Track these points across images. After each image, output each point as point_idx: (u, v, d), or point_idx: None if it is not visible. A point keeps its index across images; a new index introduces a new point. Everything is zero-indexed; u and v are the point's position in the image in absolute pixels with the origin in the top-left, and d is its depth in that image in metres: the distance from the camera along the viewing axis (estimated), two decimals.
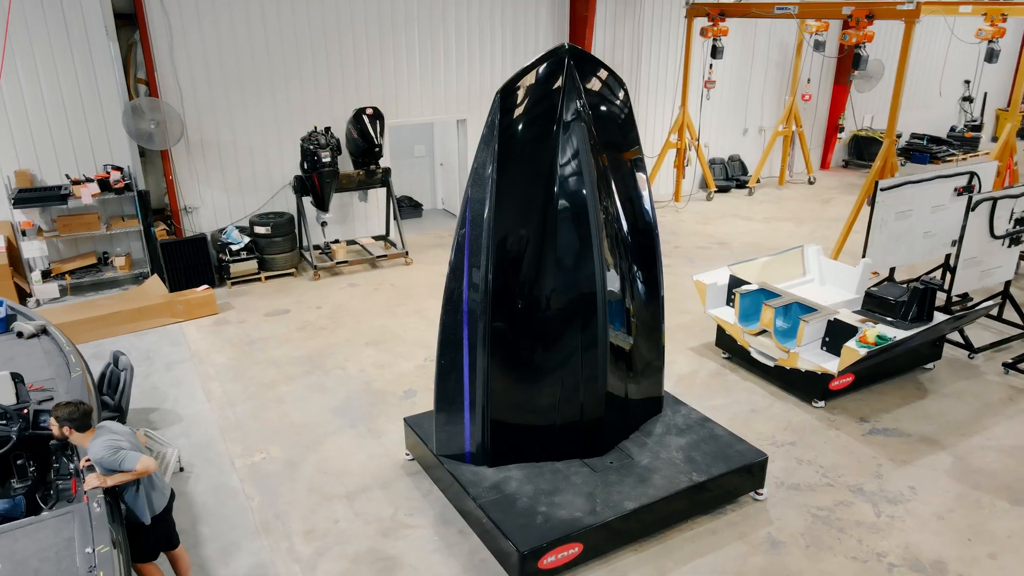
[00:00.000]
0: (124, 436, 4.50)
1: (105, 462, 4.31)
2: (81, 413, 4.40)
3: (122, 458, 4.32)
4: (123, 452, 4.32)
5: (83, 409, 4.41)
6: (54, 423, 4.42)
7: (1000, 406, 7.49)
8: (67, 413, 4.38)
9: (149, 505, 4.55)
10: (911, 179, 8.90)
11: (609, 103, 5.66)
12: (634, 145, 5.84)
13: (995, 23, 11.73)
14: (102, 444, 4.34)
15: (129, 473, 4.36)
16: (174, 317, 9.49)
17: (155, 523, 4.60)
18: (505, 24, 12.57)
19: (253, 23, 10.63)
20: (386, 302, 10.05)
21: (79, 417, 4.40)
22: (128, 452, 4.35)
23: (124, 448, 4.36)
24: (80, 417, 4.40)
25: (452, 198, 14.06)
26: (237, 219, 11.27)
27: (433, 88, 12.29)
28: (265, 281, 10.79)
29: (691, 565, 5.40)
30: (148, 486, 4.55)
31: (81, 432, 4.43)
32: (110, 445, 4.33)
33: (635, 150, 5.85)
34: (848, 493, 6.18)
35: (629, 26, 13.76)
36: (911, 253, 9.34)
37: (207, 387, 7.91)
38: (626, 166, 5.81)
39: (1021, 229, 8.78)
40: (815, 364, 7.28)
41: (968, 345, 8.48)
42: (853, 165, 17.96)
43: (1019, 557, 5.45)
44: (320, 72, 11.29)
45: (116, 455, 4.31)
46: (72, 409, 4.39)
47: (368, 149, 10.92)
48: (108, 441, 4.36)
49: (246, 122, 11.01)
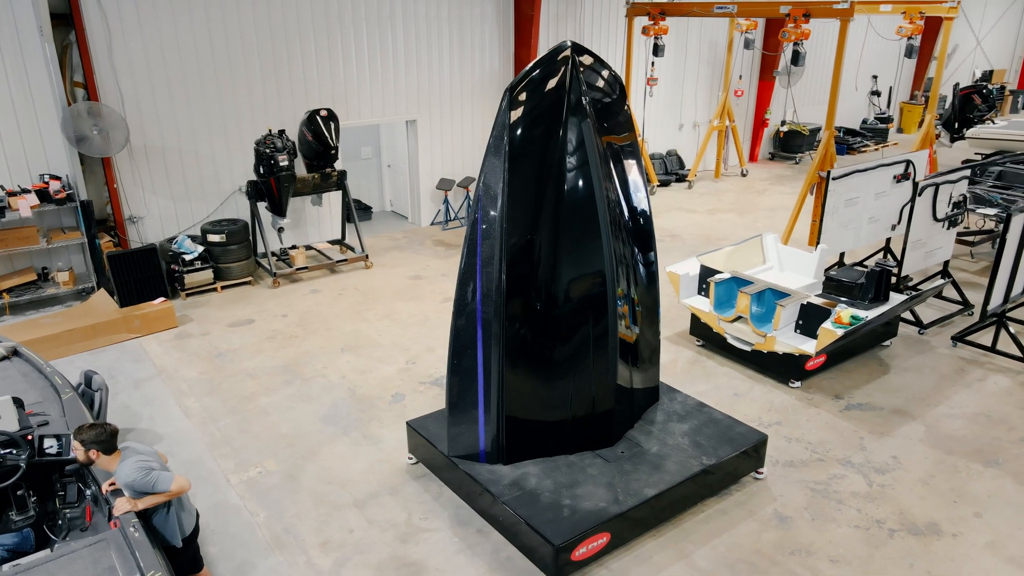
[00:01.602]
0: (151, 456, 4.28)
1: (137, 484, 4.09)
2: (108, 435, 4.18)
3: (155, 479, 4.11)
4: (155, 473, 4.12)
5: (109, 430, 4.19)
6: (79, 447, 4.18)
7: (955, 376, 8.04)
8: (94, 436, 4.13)
9: (180, 527, 4.34)
10: (858, 168, 9.42)
11: (607, 93, 5.74)
12: (628, 130, 5.91)
13: (913, 20, 12.55)
14: (133, 466, 4.12)
15: (162, 495, 4.15)
16: (131, 332, 9.02)
17: (185, 545, 4.40)
18: (452, 23, 12.53)
19: (197, 22, 10.21)
20: (354, 307, 9.86)
21: (106, 439, 4.18)
22: (160, 472, 4.14)
23: (155, 468, 4.15)
24: (108, 439, 4.18)
25: (401, 200, 13.90)
26: (186, 228, 10.80)
27: (383, 89, 12.13)
28: (222, 291, 10.38)
29: (710, 545, 5.57)
30: (178, 507, 4.34)
31: (108, 455, 4.20)
32: (141, 466, 4.12)
33: (629, 135, 5.93)
34: (839, 466, 6.51)
35: (571, 25, 13.97)
36: (858, 238, 9.88)
37: (183, 403, 7.56)
38: (623, 150, 5.86)
39: (958, 212, 9.46)
40: (792, 346, 7.62)
41: (918, 322, 9.07)
42: (779, 157, 18.81)
43: (1001, 514, 5.89)
44: (267, 74, 10.95)
45: (148, 476, 4.10)
46: (99, 431, 4.15)
47: (323, 151, 10.67)
48: (138, 463, 4.14)
49: (192, 126, 10.56)
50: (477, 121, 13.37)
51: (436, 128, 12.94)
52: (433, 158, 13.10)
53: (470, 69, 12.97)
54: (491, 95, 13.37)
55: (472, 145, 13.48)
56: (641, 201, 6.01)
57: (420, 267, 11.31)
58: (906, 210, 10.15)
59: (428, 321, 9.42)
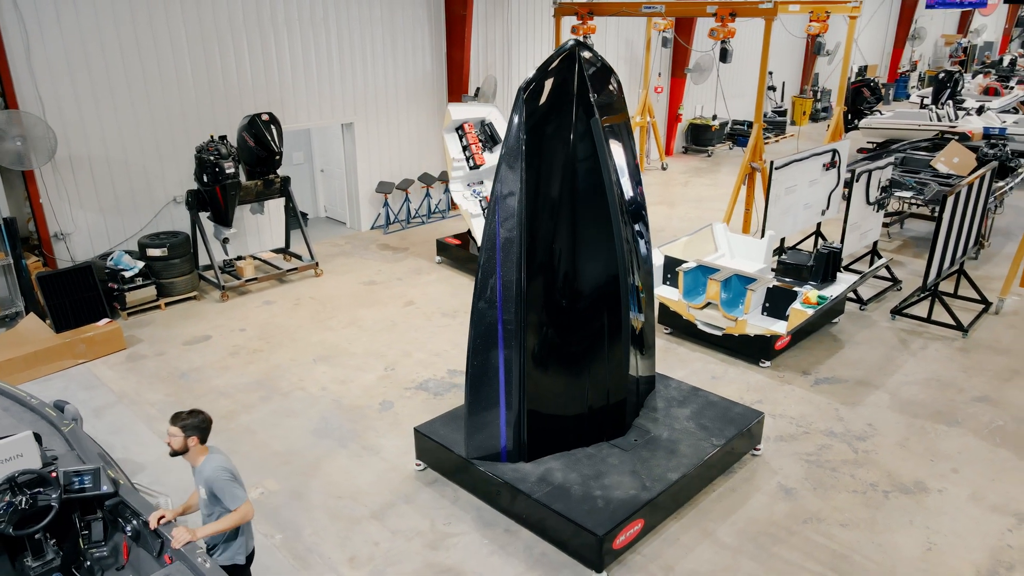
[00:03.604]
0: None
1: (216, 485, 3.93)
2: (208, 421, 4.03)
3: (234, 490, 3.95)
4: (237, 484, 3.96)
5: (208, 417, 4.04)
6: (178, 432, 3.97)
7: (901, 346, 8.72)
8: (198, 421, 3.99)
9: (245, 545, 4.15)
10: (796, 157, 10.01)
11: (605, 83, 5.80)
12: (622, 109, 5.96)
13: (820, 19, 13.43)
14: (220, 464, 4.00)
15: (225, 520, 3.93)
16: (76, 358, 8.36)
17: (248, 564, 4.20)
18: (384, 25, 12.32)
19: (122, 24, 9.56)
20: (315, 317, 9.54)
21: (207, 426, 4.03)
22: (238, 487, 3.96)
23: (239, 481, 3.97)
24: (208, 426, 4.04)
25: (337, 205, 13.54)
26: (118, 243, 10.09)
27: (319, 92, 11.78)
28: (166, 308, 9.78)
29: (729, 521, 5.81)
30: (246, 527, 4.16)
31: (203, 443, 4.03)
32: (228, 469, 4.00)
33: (623, 114, 5.97)
34: (823, 437, 6.94)
35: (500, 25, 14.05)
36: (796, 223, 10.50)
37: (156, 428, 7.09)
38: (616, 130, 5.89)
39: (886, 195, 10.24)
40: (763, 328, 8.03)
41: (859, 299, 9.75)
42: (691, 151, 19.64)
43: (974, 468, 6.46)
44: (199, 77, 10.40)
45: (231, 483, 3.96)
46: (202, 417, 4.01)
47: (267, 157, 10.24)
48: (226, 463, 4.03)
49: (120, 134, 9.88)
50: (414, 123, 13.22)
51: (373, 131, 12.70)
52: (371, 161, 12.84)
53: (404, 71, 12.80)
54: (427, 96, 13.26)
55: (410, 147, 13.32)
56: (637, 184, 6.07)
57: (372, 272, 11.08)
58: (833, 196, 10.95)
59: (396, 327, 9.25)
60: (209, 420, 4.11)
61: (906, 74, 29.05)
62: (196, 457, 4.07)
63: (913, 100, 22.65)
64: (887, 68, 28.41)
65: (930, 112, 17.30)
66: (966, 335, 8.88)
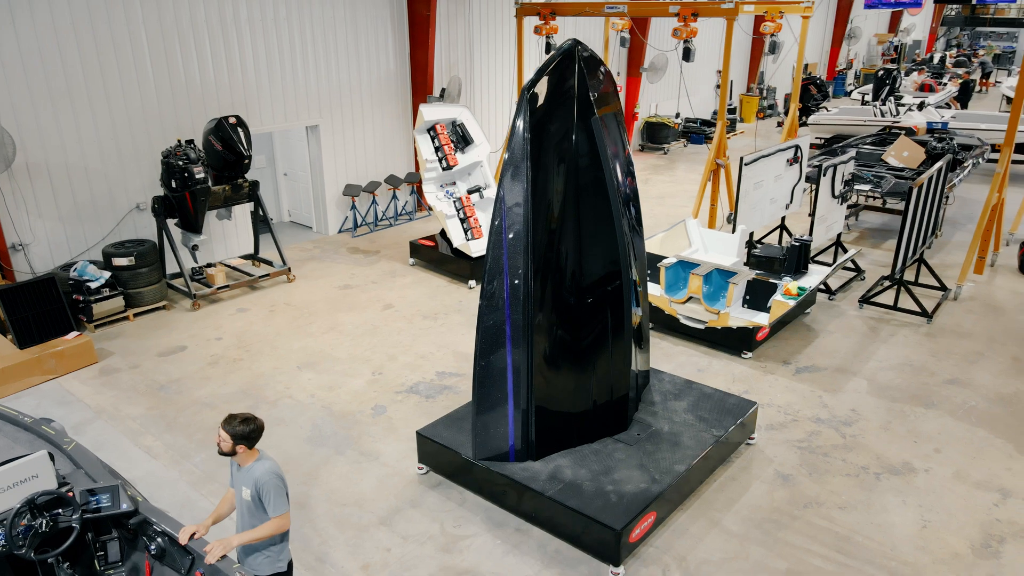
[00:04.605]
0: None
1: (264, 489, 3.88)
2: (259, 430, 3.94)
3: (279, 497, 3.91)
4: (283, 492, 3.91)
5: (259, 425, 3.95)
6: (227, 437, 3.88)
7: (871, 334, 9.04)
8: (248, 430, 3.88)
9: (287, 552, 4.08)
10: (763, 153, 10.28)
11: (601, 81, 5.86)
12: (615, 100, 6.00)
13: (774, 19, 13.80)
14: (273, 469, 3.94)
15: (262, 529, 3.85)
16: (46, 374, 8.00)
17: (289, 572, 4.11)
18: (347, 26, 12.15)
19: (80, 25, 9.18)
20: (292, 323, 9.35)
21: (257, 435, 3.96)
22: (285, 497, 3.89)
23: (286, 490, 3.91)
24: (258, 434, 3.96)
25: (302, 209, 13.29)
26: (79, 252, 9.70)
27: (284, 94, 11.55)
28: (134, 319, 9.44)
29: (733, 510, 5.94)
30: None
31: (250, 449, 3.95)
32: (279, 474, 3.95)
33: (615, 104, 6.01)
34: (811, 424, 7.15)
35: (462, 26, 14.01)
36: (763, 217, 10.79)
37: (141, 443, 6.86)
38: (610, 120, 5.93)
39: (848, 188, 10.60)
40: (746, 320, 8.22)
41: (828, 290, 10.07)
42: (648, 149, 19.94)
43: (955, 448, 6.76)
44: (161, 81, 10.07)
45: (278, 490, 3.90)
46: (253, 427, 3.92)
47: (236, 161, 9.97)
48: (277, 469, 3.97)
49: (79, 139, 9.49)
50: (379, 125, 13.08)
51: (339, 133, 12.51)
52: (337, 164, 12.65)
53: (368, 72, 12.64)
54: (392, 98, 13.13)
55: (375, 149, 13.17)
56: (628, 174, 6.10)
57: (345, 276, 10.92)
58: (796, 190, 11.29)
59: (377, 331, 9.14)
60: (260, 428, 4.01)
61: (843, 72, 30.11)
62: (245, 459, 4.01)
63: (855, 97, 23.52)
64: (826, 66, 29.38)
65: (874, 108, 18.00)
66: (930, 321, 9.27)
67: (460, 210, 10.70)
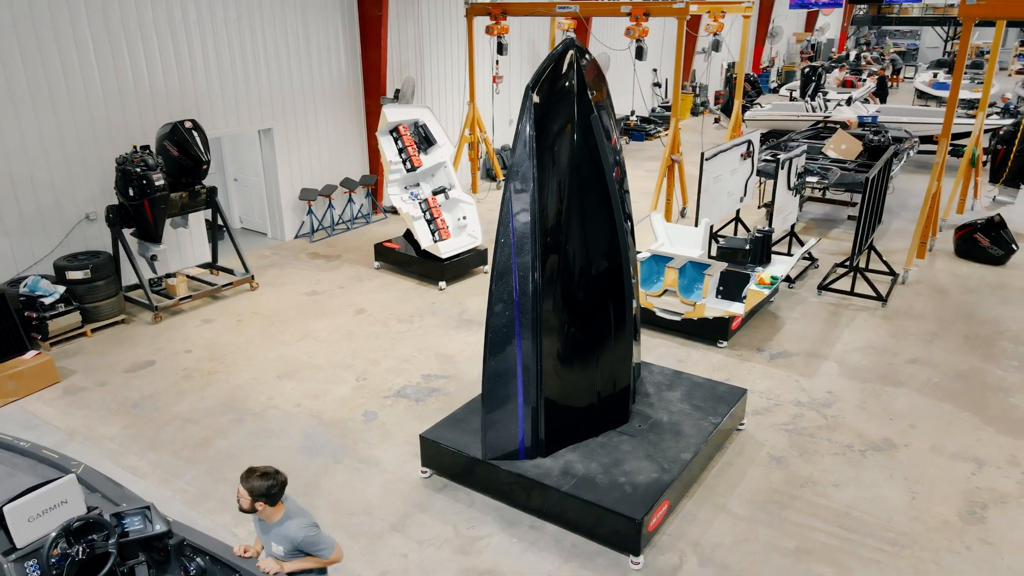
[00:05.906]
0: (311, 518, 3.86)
1: (305, 544, 3.70)
2: (280, 486, 3.69)
3: (325, 541, 3.73)
4: (323, 534, 3.75)
5: (281, 480, 3.69)
6: (245, 494, 3.68)
7: (833, 319, 9.46)
8: (266, 487, 3.64)
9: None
10: (722, 148, 10.60)
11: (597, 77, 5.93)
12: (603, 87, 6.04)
13: (717, 19, 14.25)
14: (303, 524, 3.76)
15: (315, 560, 3.74)
16: (5, 397, 7.54)
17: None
18: (298, 27, 11.87)
19: (22, 28, 8.67)
20: (263, 332, 9.09)
21: (278, 491, 3.73)
22: (325, 535, 3.75)
23: (320, 530, 3.76)
24: (279, 491, 3.74)
25: (254, 214, 12.91)
26: (26, 267, 9.16)
27: (236, 97, 11.19)
28: (92, 335, 8.98)
29: (736, 493, 6.13)
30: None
31: (272, 506, 3.68)
32: (311, 523, 3.78)
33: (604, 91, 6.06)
34: (794, 407, 7.43)
35: (412, 26, 13.88)
36: (722, 210, 11.13)
37: (125, 464, 6.55)
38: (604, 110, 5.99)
39: (801, 180, 11.05)
40: (722, 310, 8.47)
41: (788, 278, 10.47)
42: None
43: (928, 423, 7.15)
44: (109, 85, 9.61)
45: (319, 536, 3.74)
46: (271, 483, 3.65)
47: (193, 167, 9.62)
48: (309, 521, 3.80)
49: (24, 147, 8.97)
50: (333, 127, 12.84)
51: (292, 136, 12.22)
52: (292, 167, 12.35)
53: (320, 74, 12.39)
54: (345, 99, 12.90)
55: (330, 152, 12.92)
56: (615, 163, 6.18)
57: (311, 282, 10.68)
58: (750, 183, 11.69)
59: (353, 336, 8.98)
60: (280, 484, 3.78)
61: (767, 69, 31.29)
62: (270, 516, 3.81)
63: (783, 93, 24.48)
64: (751, 64, 30.44)
65: (805, 104, 18.79)
66: (885, 304, 9.76)
67: (427, 211, 10.62)
